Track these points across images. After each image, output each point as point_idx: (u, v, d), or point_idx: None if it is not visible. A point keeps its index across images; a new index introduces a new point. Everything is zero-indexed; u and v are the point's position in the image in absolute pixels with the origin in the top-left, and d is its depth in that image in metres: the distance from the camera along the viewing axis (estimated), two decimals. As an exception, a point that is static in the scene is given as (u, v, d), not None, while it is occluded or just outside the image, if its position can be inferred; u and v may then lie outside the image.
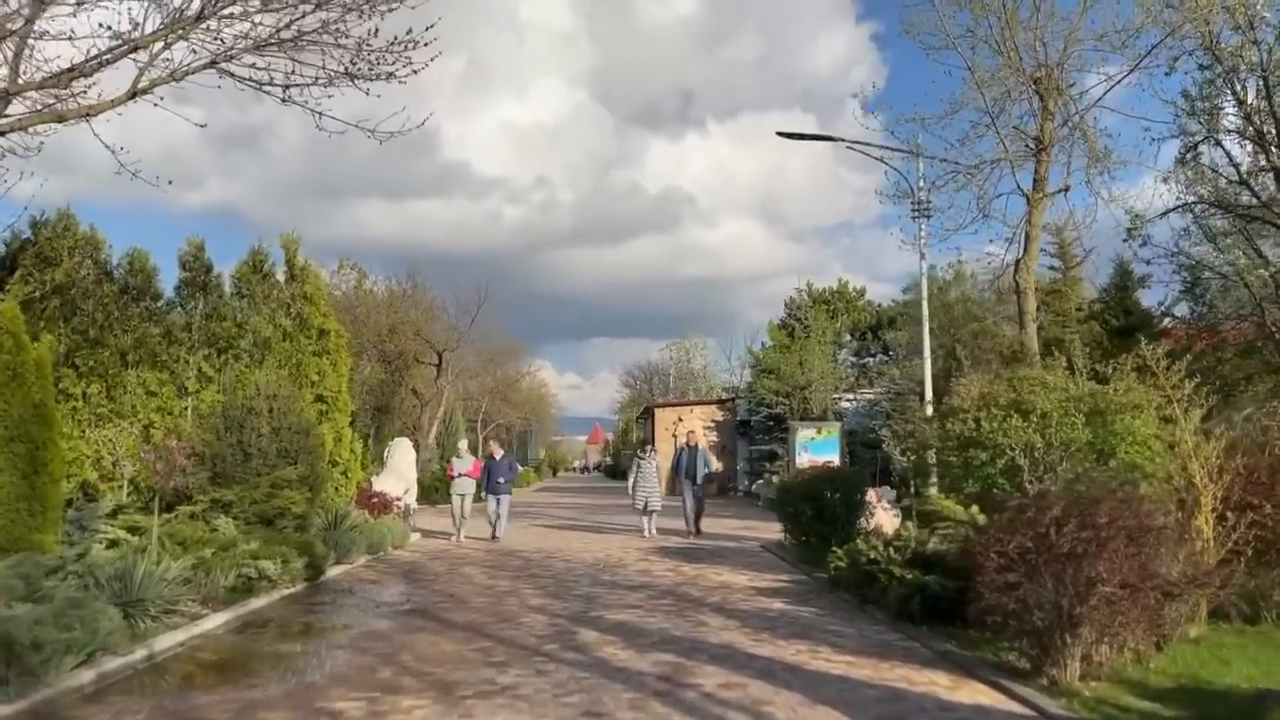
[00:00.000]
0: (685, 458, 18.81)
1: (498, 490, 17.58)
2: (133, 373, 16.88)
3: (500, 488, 17.64)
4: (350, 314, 33.22)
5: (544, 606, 9.88)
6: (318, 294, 18.31)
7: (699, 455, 18.80)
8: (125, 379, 16.78)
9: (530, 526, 21.54)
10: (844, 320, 43.45)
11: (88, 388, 16.24)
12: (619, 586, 11.42)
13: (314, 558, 11.43)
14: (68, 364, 16.29)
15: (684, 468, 18.68)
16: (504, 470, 17.98)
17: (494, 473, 17.79)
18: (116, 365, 16.65)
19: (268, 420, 13.69)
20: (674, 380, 64.41)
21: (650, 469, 18.51)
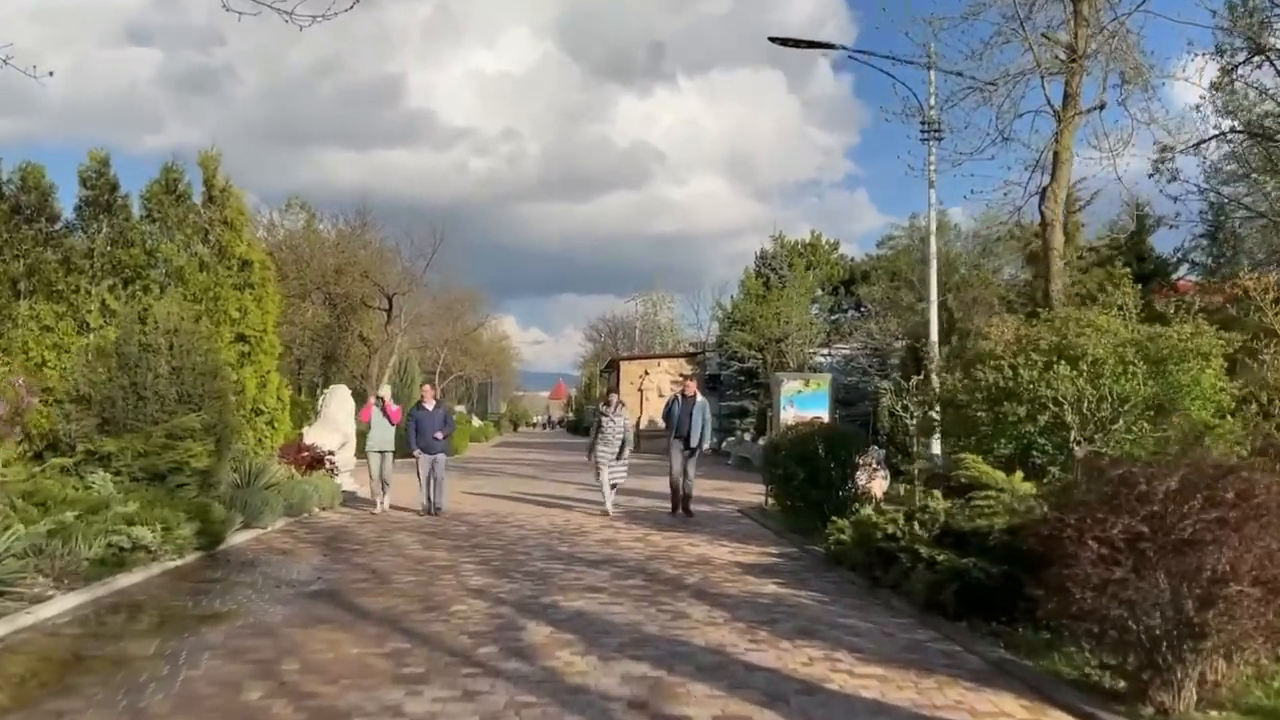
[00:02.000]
0: (678, 410, 14.16)
1: (431, 449, 13.66)
2: (24, 304, 14.67)
3: (434, 445, 13.67)
4: (294, 253, 30.93)
5: (486, 589, 8.02)
6: (240, 220, 16.07)
7: (698, 410, 14.01)
8: (15, 311, 14.57)
9: (482, 486, 19.66)
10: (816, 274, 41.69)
11: (-33, 320, 14.03)
12: (578, 561, 9.60)
13: (210, 522, 9.46)
14: (-55, 292, 14.07)
15: (675, 423, 14.15)
16: (436, 423, 13.86)
17: (423, 427, 13.76)
18: (5, 295, 14.44)
19: (167, 359, 11.61)
20: (640, 334, 62.52)
21: (615, 428, 13.88)
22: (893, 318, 33.58)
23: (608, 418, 13.99)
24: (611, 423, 13.89)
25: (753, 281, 33.45)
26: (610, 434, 13.81)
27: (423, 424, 13.80)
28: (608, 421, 13.92)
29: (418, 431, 13.70)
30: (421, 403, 14.29)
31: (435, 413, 14.10)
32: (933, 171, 12.83)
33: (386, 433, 14.34)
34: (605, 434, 13.79)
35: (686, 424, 13.88)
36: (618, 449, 13.79)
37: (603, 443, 13.78)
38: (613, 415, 14.01)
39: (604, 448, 13.77)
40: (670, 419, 14.25)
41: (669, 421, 14.24)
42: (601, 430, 13.85)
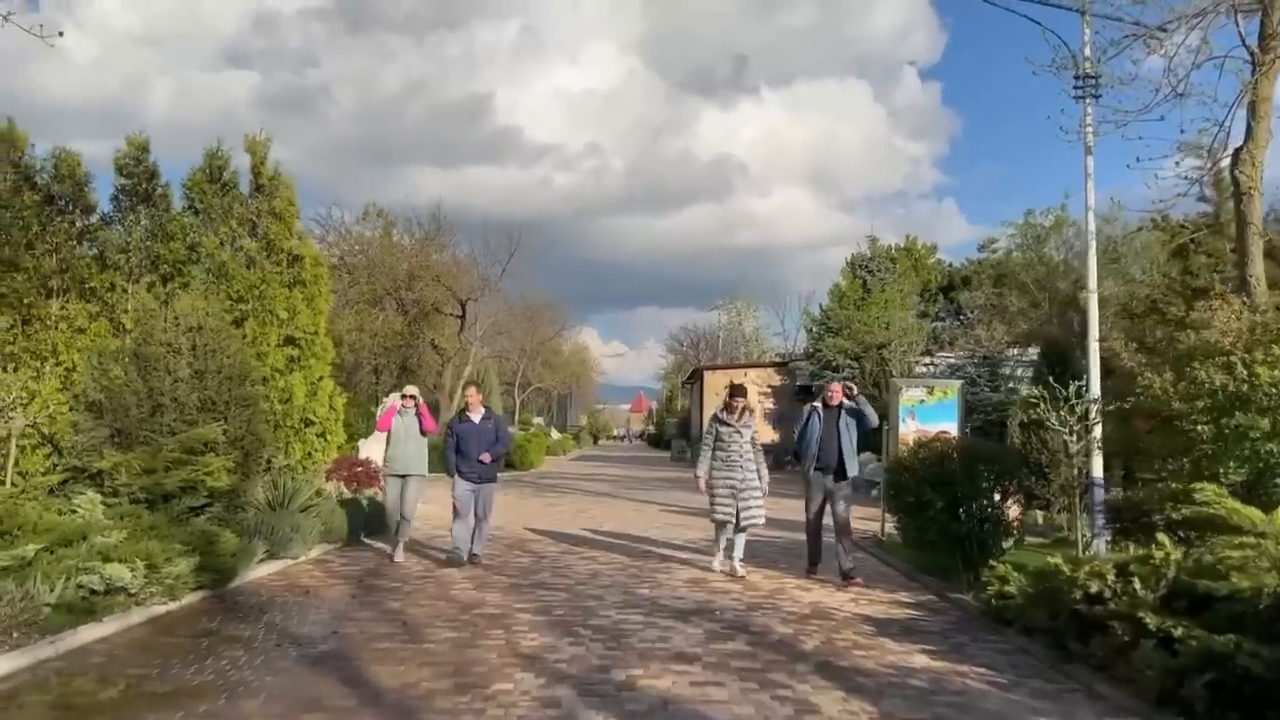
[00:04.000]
0: (818, 426, 9.52)
1: (475, 475, 9.87)
2: (55, 303, 13.41)
3: (479, 470, 9.88)
4: (367, 257, 29.78)
5: (541, 654, 6.12)
6: (290, 211, 14.59)
7: (847, 426, 9.45)
8: (46, 311, 13.30)
9: (555, 505, 17.86)
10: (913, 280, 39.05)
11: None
12: (662, 610, 7.64)
13: (215, 555, 7.78)
14: (-28, 290, 12.87)
15: (817, 447, 9.47)
16: (484, 440, 9.95)
17: (466, 445, 9.88)
18: (35, 293, 13.18)
19: (188, 360, 10.08)
20: (723, 344, 60.33)
21: (741, 443, 9.45)
22: (999, 324, 30.97)
23: (731, 428, 9.44)
24: (737, 435, 9.41)
25: (850, 284, 31.03)
26: (736, 452, 9.38)
27: (466, 441, 9.88)
28: (731, 434, 9.43)
29: (459, 451, 9.89)
30: (465, 412, 10.16)
31: (483, 426, 10.01)
32: (1089, 135, 10.56)
33: (412, 448, 10.25)
34: (728, 452, 9.40)
35: (834, 446, 9.37)
36: (749, 474, 9.36)
37: (724, 464, 9.39)
38: (738, 425, 9.43)
39: (726, 472, 9.36)
40: (806, 440, 9.57)
41: (803, 442, 9.65)
42: (722, 445, 9.45)
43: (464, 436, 9.96)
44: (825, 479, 9.49)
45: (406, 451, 10.21)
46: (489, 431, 10.08)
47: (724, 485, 9.35)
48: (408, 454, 10.21)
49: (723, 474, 9.39)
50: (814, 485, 9.59)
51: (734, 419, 9.45)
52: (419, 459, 10.33)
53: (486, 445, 9.94)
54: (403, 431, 10.23)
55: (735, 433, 9.42)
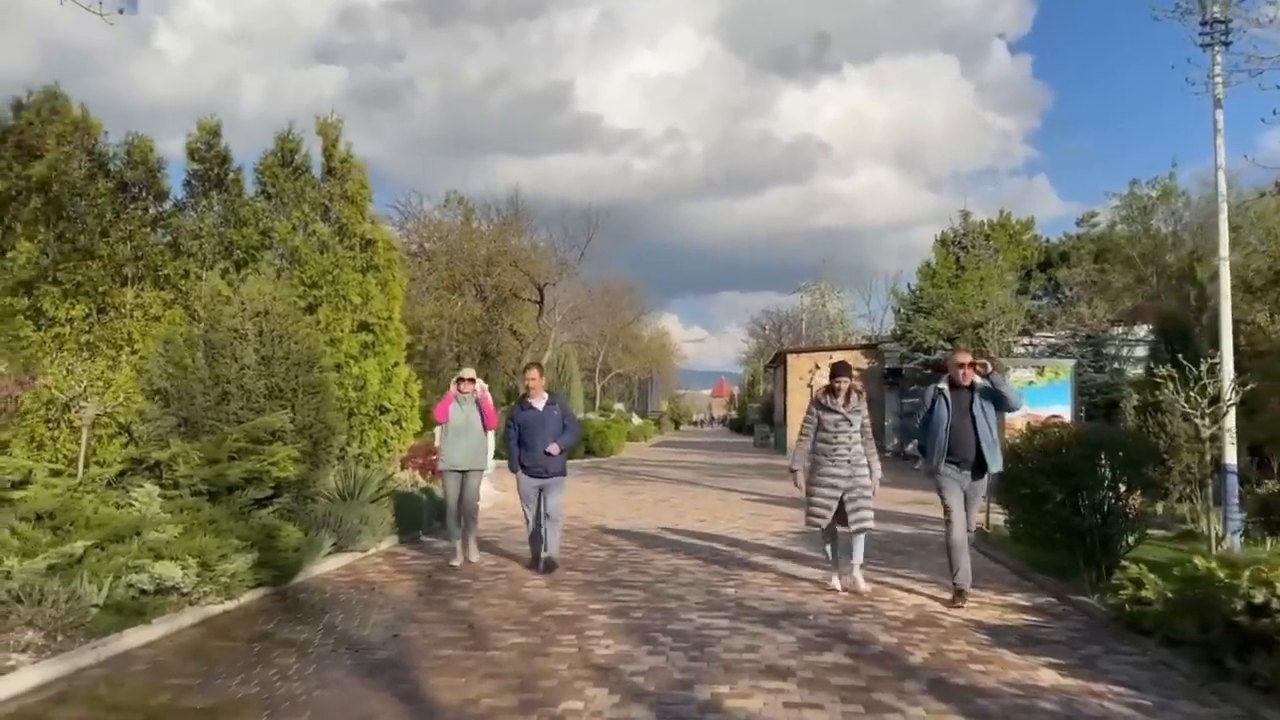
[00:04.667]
0: (946, 412, 7.52)
1: (540, 469, 8.60)
2: (130, 291, 13.34)
3: (544, 464, 8.60)
4: (446, 244, 29.64)
5: (616, 664, 5.52)
6: (362, 194, 14.26)
7: (984, 407, 7.49)
8: (121, 299, 13.24)
9: (636, 493, 17.31)
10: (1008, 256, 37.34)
11: (72, 310, 12.75)
12: (749, 614, 6.97)
13: (277, 550, 7.39)
14: (50, 280, 12.85)
15: (947, 438, 7.46)
16: (549, 429, 8.67)
17: (529, 435, 8.65)
18: (109, 281, 13.12)
19: (255, 346, 9.76)
20: (806, 328, 59.04)
21: (849, 431, 7.77)
22: (1100, 301, 29.35)
23: (837, 414, 7.72)
24: (845, 424, 7.69)
25: (943, 261, 29.63)
26: (842, 443, 7.67)
27: (528, 430, 8.64)
28: (836, 422, 7.71)
29: (521, 443, 8.69)
30: (526, 398, 8.93)
31: (548, 413, 8.73)
32: (1219, 86, 9.48)
33: (472, 440, 9.06)
34: (833, 444, 7.68)
35: (970, 435, 7.37)
36: (858, 470, 7.66)
37: (827, 458, 7.70)
38: (846, 411, 7.71)
39: (830, 468, 7.68)
40: (933, 430, 7.53)
41: (929, 433, 7.59)
42: (826, 436, 7.73)
43: (526, 426, 8.68)
44: (962, 476, 7.45)
45: (466, 444, 9.01)
46: (554, 419, 8.73)
47: (827, 484, 7.67)
48: (467, 447, 9.02)
49: (826, 470, 7.71)
50: (948, 486, 7.45)
51: (839, 403, 7.74)
52: (480, 452, 9.20)
53: (552, 435, 8.62)
54: (461, 422, 9.07)
55: (842, 420, 7.70)
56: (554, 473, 8.69)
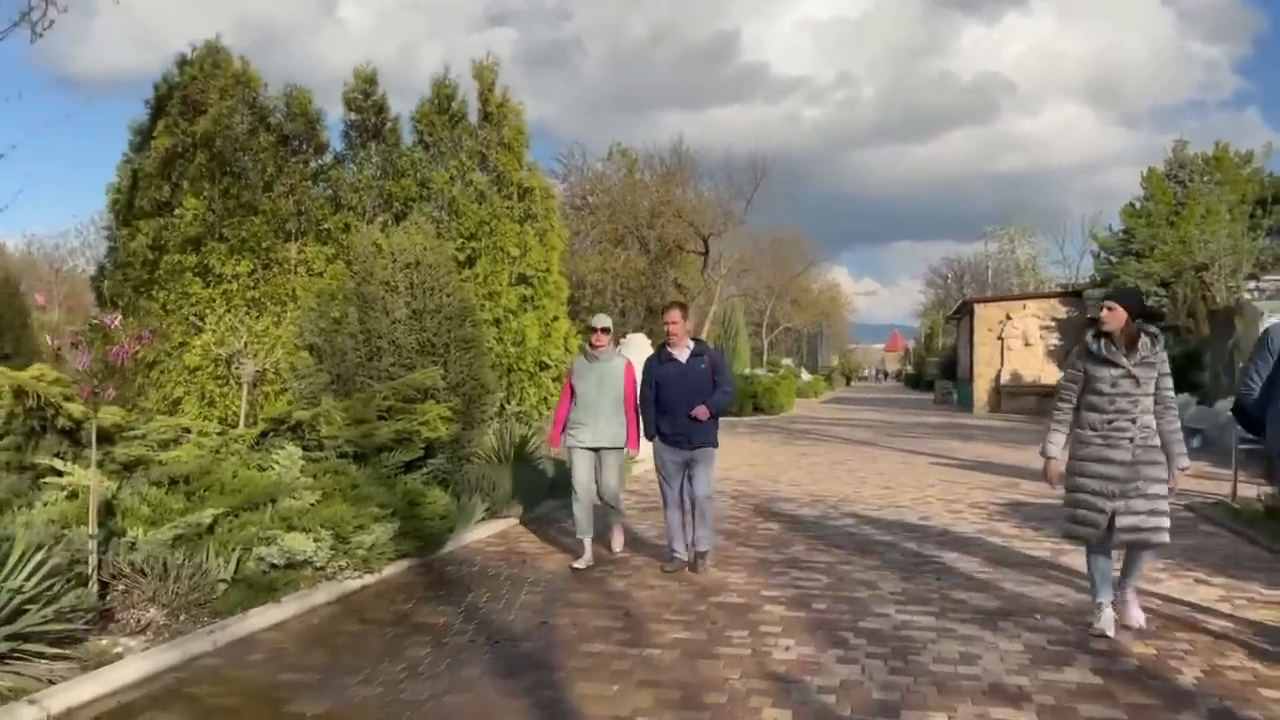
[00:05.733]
0: None
1: (683, 438, 6.73)
2: (293, 246, 13.22)
3: (689, 432, 6.70)
4: (610, 196, 29.00)
5: (798, 675, 4.53)
6: (519, 141, 13.62)
7: None
8: (285, 254, 13.15)
9: (810, 454, 16.17)
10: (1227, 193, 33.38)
11: (238, 266, 12.74)
12: (959, 609, 5.81)
13: (421, 519, 6.79)
14: (217, 236, 12.88)
15: None
16: (694, 385, 6.72)
17: (668, 394, 6.76)
18: (273, 237, 13.02)
19: (406, 300, 9.23)
20: (992, 276, 55.42)
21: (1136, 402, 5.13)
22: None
23: (1116, 368, 5.15)
24: (1129, 384, 5.12)
25: (1162, 194, 26.43)
26: (1122, 411, 5.13)
27: (669, 389, 6.71)
28: (1116, 381, 5.15)
29: (659, 406, 6.76)
30: (666, 347, 6.90)
31: (692, 366, 6.74)
32: None
33: (606, 409, 6.93)
34: (1110, 412, 5.16)
35: None
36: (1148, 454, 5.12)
37: (1101, 437, 5.18)
38: (1133, 364, 5.12)
39: (1104, 449, 5.16)
40: None
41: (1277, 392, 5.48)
42: (1096, 402, 5.21)
43: (666, 383, 6.72)
44: None
45: (598, 415, 6.89)
46: (702, 375, 6.69)
47: (1097, 476, 5.13)
48: (600, 418, 6.89)
49: (1096, 455, 5.14)
50: None
51: (1121, 351, 5.13)
52: (618, 425, 6.95)
53: (700, 394, 6.62)
54: (594, 385, 6.92)
55: (1125, 378, 5.09)
56: (701, 442, 6.68)
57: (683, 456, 6.73)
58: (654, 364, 6.92)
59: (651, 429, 6.88)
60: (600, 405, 6.91)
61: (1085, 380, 5.30)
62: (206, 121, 13.08)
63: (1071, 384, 5.41)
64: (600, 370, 6.98)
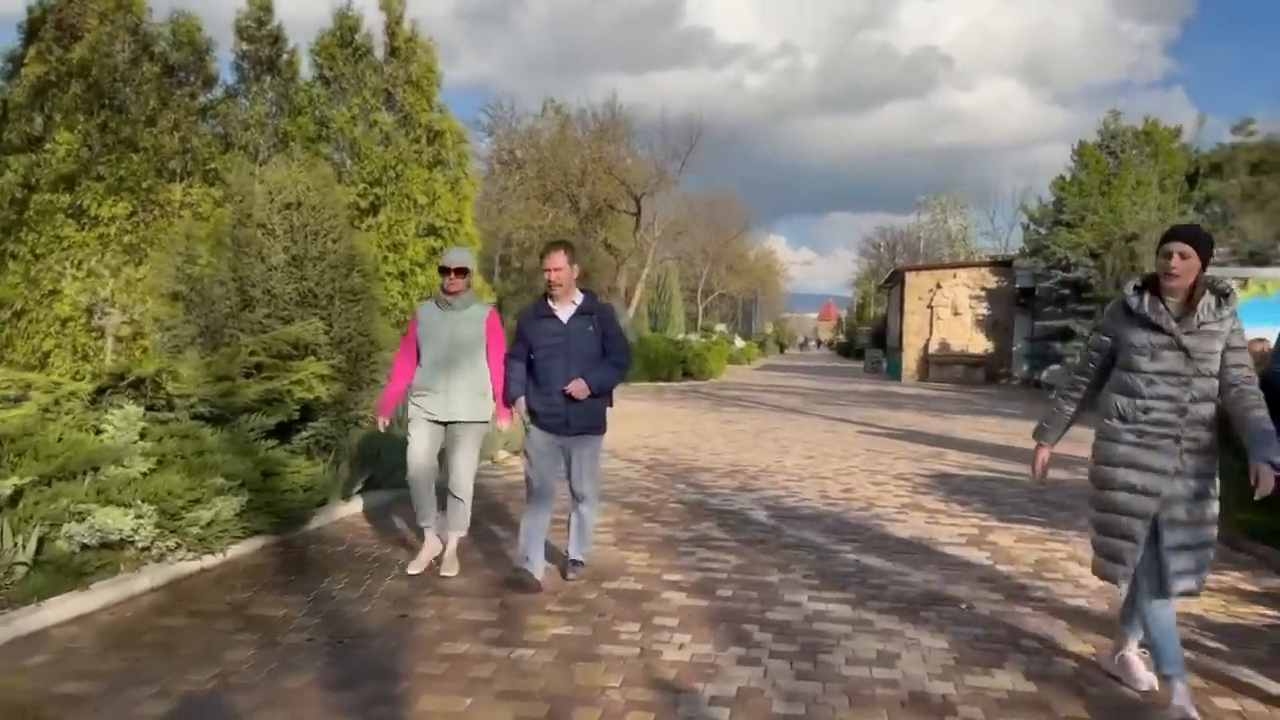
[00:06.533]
0: None
1: (561, 421, 5.07)
2: (178, 188, 12.11)
3: (568, 413, 5.05)
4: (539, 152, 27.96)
5: (689, 683, 3.84)
6: (429, 79, 12.64)
7: None
8: (168, 196, 12.03)
9: (734, 421, 15.61)
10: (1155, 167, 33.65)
11: (115, 207, 11.60)
12: (879, 597, 5.20)
13: (278, 492, 5.96)
14: (93, 175, 11.70)
15: None
16: (579, 350, 5.06)
17: (545, 359, 5.08)
18: (154, 176, 11.89)
19: (284, 245, 8.29)
20: (924, 246, 55.59)
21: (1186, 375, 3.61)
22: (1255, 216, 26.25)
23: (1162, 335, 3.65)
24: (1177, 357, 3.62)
25: (1096, 164, 26.29)
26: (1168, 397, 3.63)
27: (543, 354, 5.11)
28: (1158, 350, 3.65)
29: (535, 376, 5.16)
30: (547, 299, 5.18)
31: (577, 327, 5.11)
32: None
33: (463, 371, 5.41)
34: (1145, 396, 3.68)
35: None
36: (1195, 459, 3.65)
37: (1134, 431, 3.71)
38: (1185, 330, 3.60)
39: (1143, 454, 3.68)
40: None
41: None
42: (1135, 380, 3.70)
43: (541, 347, 5.07)
44: None
45: (452, 379, 5.33)
46: (588, 339, 5.06)
47: (1127, 485, 3.72)
48: (454, 383, 5.33)
49: (1127, 454, 3.72)
50: None
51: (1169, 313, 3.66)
52: (476, 393, 5.38)
53: (584, 362, 5.02)
54: (446, 341, 5.35)
55: (1169, 348, 3.64)
56: (582, 428, 5.09)
57: (560, 443, 5.13)
58: (528, 320, 5.21)
59: (519, 404, 5.20)
60: (455, 367, 5.34)
61: (1117, 348, 3.83)
62: (83, 48, 11.86)
63: (1095, 352, 3.94)
64: (455, 321, 5.39)
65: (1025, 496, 8.57)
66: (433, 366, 5.38)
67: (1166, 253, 3.68)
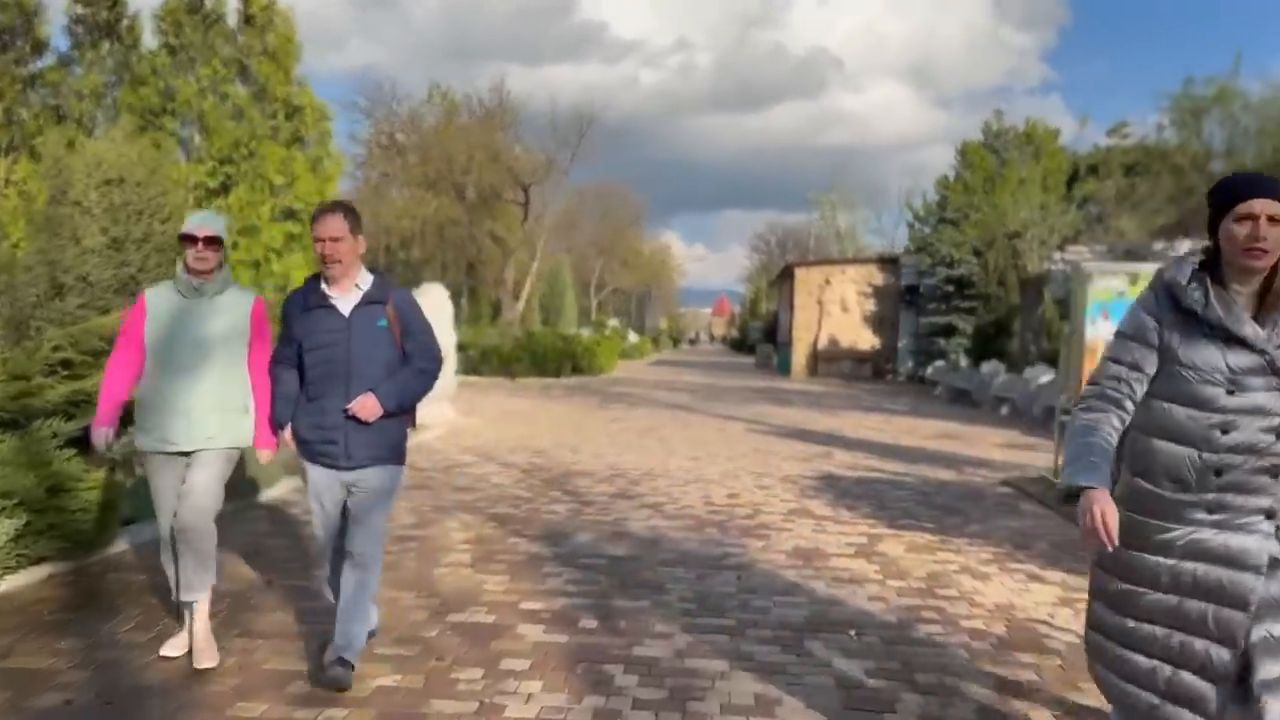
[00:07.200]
0: None
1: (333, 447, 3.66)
2: (2, 165, 10.82)
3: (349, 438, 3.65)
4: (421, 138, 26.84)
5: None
6: (288, 50, 11.63)
7: None
8: (-13, 173, 10.72)
9: (620, 419, 15.05)
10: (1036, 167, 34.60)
11: (-78, 184, 10.26)
12: (761, 624, 4.67)
13: (66, 512, 5.06)
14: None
15: None
16: (364, 352, 3.64)
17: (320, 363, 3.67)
18: (-29, 151, 10.58)
19: (103, 226, 7.31)
20: (814, 242, 56.25)
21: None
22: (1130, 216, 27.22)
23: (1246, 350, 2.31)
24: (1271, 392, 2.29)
25: (980, 162, 26.72)
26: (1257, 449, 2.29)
27: (317, 356, 3.68)
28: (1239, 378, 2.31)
29: (305, 389, 3.75)
30: (321, 282, 3.68)
31: (361, 321, 3.67)
32: None
33: (200, 382, 3.79)
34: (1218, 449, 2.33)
35: None
36: None
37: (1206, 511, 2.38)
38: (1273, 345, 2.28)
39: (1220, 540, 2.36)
40: None
41: None
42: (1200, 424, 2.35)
43: (313, 344, 3.71)
44: None
45: (194, 390, 3.78)
46: (380, 338, 3.70)
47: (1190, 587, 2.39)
48: (200, 397, 3.79)
49: (1187, 541, 2.40)
50: None
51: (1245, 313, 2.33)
52: (230, 410, 3.87)
53: (374, 370, 3.68)
54: (187, 337, 3.81)
55: (1259, 371, 2.31)
56: (366, 458, 3.69)
57: (341, 480, 3.72)
58: (295, 311, 3.76)
59: (284, 426, 3.82)
60: (202, 375, 3.77)
61: (1165, 365, 2.45)
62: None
63: (1134, 369, 2.47)
64: (204, 312, 3.81)
65: (913, 500, 8.23)
66: (169, 374, 3.76)
67: (1247, 214, 2.26)
